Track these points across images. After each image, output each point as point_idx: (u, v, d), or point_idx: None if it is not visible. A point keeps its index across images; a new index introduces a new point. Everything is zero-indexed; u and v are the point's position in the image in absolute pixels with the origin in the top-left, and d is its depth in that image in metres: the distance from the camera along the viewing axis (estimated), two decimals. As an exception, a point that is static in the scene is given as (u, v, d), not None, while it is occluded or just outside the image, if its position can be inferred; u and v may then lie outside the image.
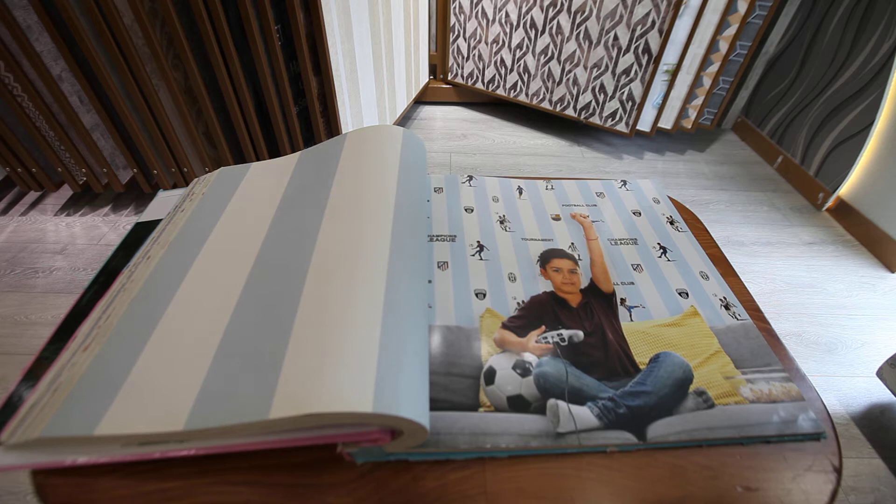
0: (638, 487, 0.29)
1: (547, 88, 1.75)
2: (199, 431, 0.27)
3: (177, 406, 0.27)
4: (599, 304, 0.42)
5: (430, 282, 0.42)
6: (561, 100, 1.74)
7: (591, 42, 1.56)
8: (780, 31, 1.68)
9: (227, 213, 0.43)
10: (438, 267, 0.44)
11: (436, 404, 0.32)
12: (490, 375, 0.34)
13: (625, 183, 0.59)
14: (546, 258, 0.46)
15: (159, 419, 0.27)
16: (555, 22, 1.59)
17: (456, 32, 1.84)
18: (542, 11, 1.59)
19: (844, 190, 1.43)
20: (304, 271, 0.34)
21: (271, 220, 0.41)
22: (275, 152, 1.34)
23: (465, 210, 0.52)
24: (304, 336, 0.30)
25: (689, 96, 1.62)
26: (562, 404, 0.33)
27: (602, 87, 1.62)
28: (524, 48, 1.71)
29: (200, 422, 0.26)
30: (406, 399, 0.26)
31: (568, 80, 1.68)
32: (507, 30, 1.71)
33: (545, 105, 1.80)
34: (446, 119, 1.98)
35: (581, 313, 0.41)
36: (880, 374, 0.89)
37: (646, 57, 1.49)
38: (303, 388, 0.26)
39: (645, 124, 1.66)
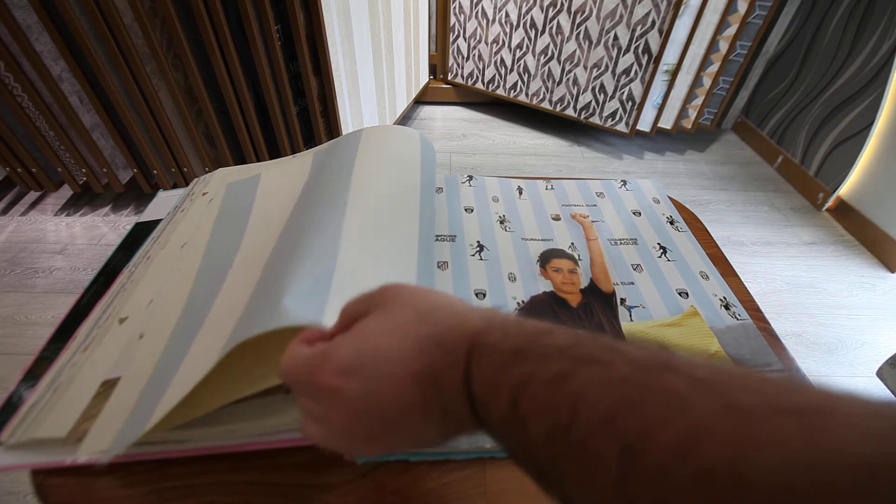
0: (638, 487, 0.29)
1: (547, 88, 1.75)
2: (201, 431, 0.27)
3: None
4: (599, 304, 0.42)
5: None
6: (561, 100, 1.74)
7: (591, 42, 1.56)
8: (780, 31, 1.68)
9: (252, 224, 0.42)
10: (438, 267, 0.44)
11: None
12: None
13: (625, 183, 0.59)
14: (546, 258, 0.46)
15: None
16: (555, 22, 1.59)
17: (456, 32, 1.84)
18: (542, 11, 1.59)
19: (844, 190, 1.43)
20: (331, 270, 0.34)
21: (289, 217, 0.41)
22: (275, 152, 1.34)
23: (465, 210, 0.52)
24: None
25: (689, 96, 1.62)
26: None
27: (602, 87, 1.62)
28: (524, 48, 1.71)
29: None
30: None
31: (568, 80, 1.68)
32: (507, 30, 1.71)
33: (545, 105, 1.80)
34: (446, 119, 1.98)
35: (581, 313, 0.41)
36: (880, 374, 0.89)
37: (646, 57, 1.49)
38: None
39: (645, 124, 1.66)
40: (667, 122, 1.70)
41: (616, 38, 1.51)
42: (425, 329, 0.20)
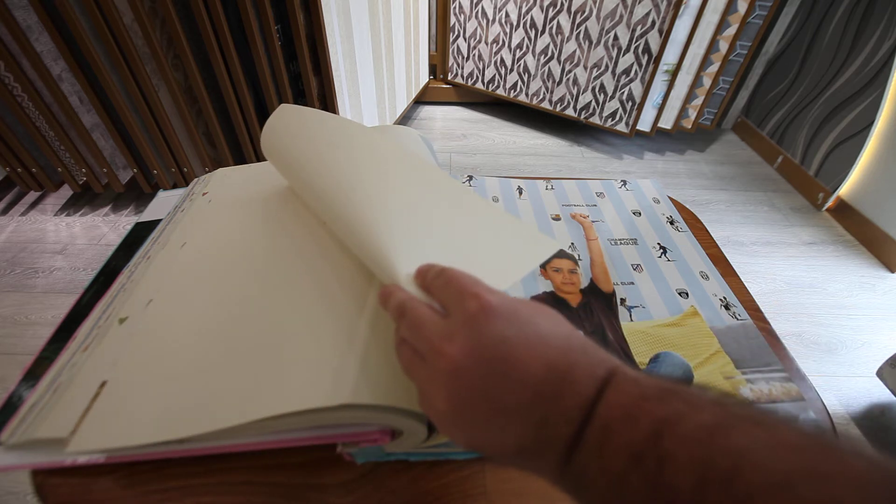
0: (638, 487, 0.29)
1: (547, 88, 1.75)
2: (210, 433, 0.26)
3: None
4: (599, 304, 0.42)
5: None
6: (561, 100, 1.74)
7: (591, 42, 1.56)
8: (780, 31, 1.68)
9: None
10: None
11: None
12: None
13: (625, 183, 0.59)
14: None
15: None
16: (555, 22, 1.59)
17: (456, 32, 1.84)
18: (542, 11, 1.59)
19: (844, 190, 1.43)
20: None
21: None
22: (275, 152, 1.34)
23: (465, 210, 0.51)
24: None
25: (689, 96, 1.62)
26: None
27: (602, 87, 1.62)
28: (524, 48, 1.71)
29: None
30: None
31: (568, 80, 1.68)
32: (507, 30, 1.71)
33: (545, 105, 1.80)
34: (446, 119, 1.98)
35: (581, 313, 0.41)
36: (880, 374, 0.89)
37: (646, 57, 1.49)
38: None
39: (645, 124, 1.66)
40: (667, 122, 1.70)
41: (616, 38, 1.51)
42: (578, 335, 0.20)
